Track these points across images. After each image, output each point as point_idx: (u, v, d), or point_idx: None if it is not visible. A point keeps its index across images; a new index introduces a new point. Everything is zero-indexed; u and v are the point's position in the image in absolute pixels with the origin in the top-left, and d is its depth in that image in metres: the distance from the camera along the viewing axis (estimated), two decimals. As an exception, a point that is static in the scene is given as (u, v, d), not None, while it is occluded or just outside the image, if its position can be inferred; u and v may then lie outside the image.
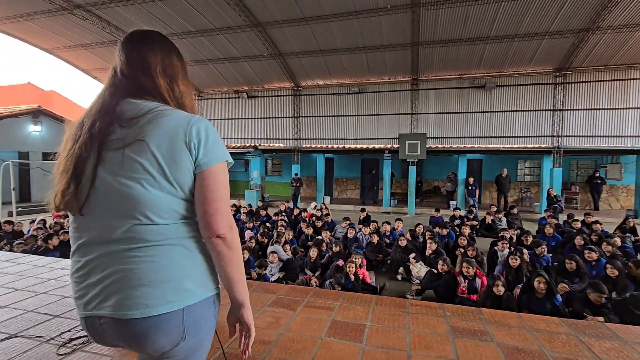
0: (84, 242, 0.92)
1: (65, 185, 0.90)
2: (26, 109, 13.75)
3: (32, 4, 11.76)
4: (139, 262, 0.86)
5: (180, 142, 0.89)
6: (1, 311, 2.77)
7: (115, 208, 0.88)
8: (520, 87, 13.46)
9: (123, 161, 0.88)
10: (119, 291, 0.86)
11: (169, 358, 0.94)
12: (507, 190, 12.70)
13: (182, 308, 0.89)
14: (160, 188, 0.89)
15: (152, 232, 0.88)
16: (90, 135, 0.90)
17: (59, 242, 6.10)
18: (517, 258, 4.82)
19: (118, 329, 0.87)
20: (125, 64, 0.98)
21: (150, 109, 0.93)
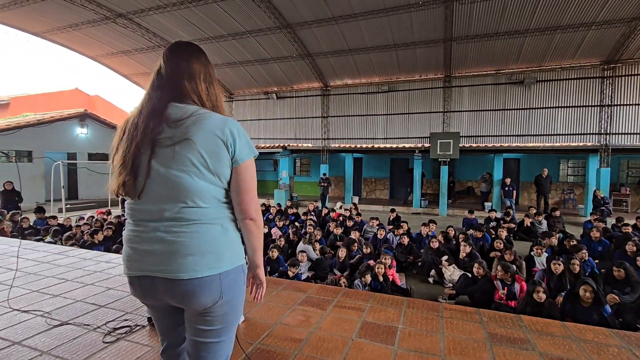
0: (140, 219, 1.11)
1: (125, 176, 1.07)
2: (74, 113, 14.76)
3: (80, 14, 12.61)
4: (187, 236, 1.06)
5: (220, 141, 1.08)
6: (54, 300, 2.99)
7: (167, 194, 1.07)
8: (563, 81, 12.65)
9: (174, 156, 1.05)
10: (172, 258, 1.05)
11: (210, 313, 1.12)
12: (547, 192, 11.98)
13: (220, 273, 1.10)
14: (204, 179, 1.08)
15: (196, 213, 1.07)
16: (144, 135, 1.07)
17: (103, 237, 6.50)
18: (560, 263, 4.53)
19: (170, 287, 1.07)
20: (173, 70, 1.14)
21: (192, 112, 1.10)
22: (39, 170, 13.24)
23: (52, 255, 4.46)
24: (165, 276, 1.06)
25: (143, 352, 2.19)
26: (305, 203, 13.30)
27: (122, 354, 2.17)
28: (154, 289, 1.10)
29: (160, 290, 1.09)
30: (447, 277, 5.42)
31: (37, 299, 3.02)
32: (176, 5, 11.82)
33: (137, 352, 2.18)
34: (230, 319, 1.17)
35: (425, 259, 5.90)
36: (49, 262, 4.17)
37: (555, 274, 4.46)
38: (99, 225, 7.60)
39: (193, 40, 12.08)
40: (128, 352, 2.18)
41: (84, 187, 14.97)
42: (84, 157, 14.90)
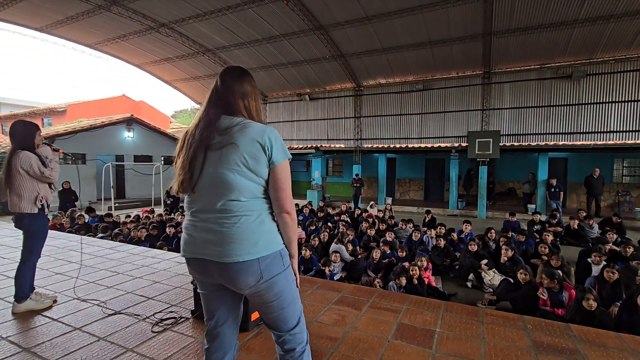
0: (195, 210, 1.33)
1: (184, 176, 1.30)
2: (122, 118, 15.81)
3: (128, 26, 13.51)
4: (231, 226, 1.25)
5: (259, 146, 1.28)
6: (108, 291, 3.24)
7: (215, 189, 1.27)
8: (617, 74, 11.68)
9: (221, 157, 1.26)
10: (219, 244, 1.25)
11: (259, 291, 1.30)
12: (599, 194, 11.08)
13: (258, 258, 1.26)
14: (245, 177, 1.27)
15: (238, 206, 1.27)
16: (200, 142, 1.30)
17: (148, 234, 6.92)
18: (615, 271, 4.20)
19: (219, 269, 1.27)
20: (227, 90, 1.37)
21: (238, 122, 1.32)
22: (91, 171, 14.33)
23: (104, 250, 4.82)
24: (215, 259, 1.26)
25: (187, 342, 2.32)
26: (338, 204, 13.31)
27: (168, 343, 2.31)
28: (206, 269, 1.31)
29: (212, 271, 1.30)
30: (487, 281, 5.20)
31: (93, 289, 3.29)
32: (214, 12, 12.32)
33: (183, 342, 2.31)
34: (279, 292, 1.33)
35: (463, 262, 5.70)
36: (102, 256, 4.52)
37: (608, 281, 4.14)
38: (144, 223, 8.10)
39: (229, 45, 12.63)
40: (174, 342, 2.32)
41: (130, 187, 15.99)
42: (130, 159, 15.91)
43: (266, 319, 1.39)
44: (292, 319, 1.38)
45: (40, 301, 2.83)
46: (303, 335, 1.41)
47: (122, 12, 12.28)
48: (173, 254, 4.68)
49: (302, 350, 1.39)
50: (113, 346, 2.27)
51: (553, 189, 10.85)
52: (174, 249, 6.13)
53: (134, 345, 2.27)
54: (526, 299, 4.14)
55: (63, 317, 2.69)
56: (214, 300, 1.42)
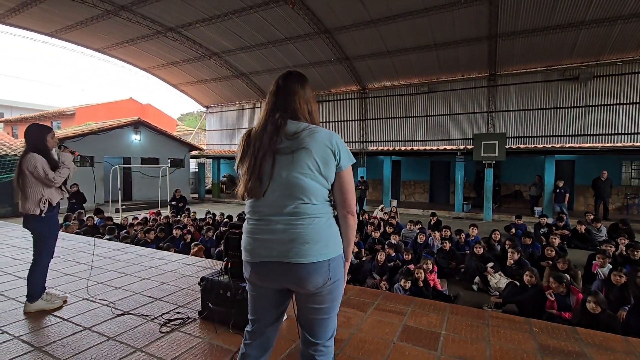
0: (263, 214, 1.33)
1: (253, 181, 1.32)
2: (129, 121, 16.01)
3: (135, 30, 13.71)
4: (303, 228, 1.28)
5: (329, 150, 1.32)
6: (117, 291, 3.30)
7: (288, 192, 1.29)
8: (625, 76, 11.57)
9: (293, 162, 1.29)
10: (292, 246, 1.27)
11: (320, 293, 1.32)
12: (607, 196, 10.94)
13: (328, 259, 1.30)
14: (317, 180, 1.31)
15: (310, 208, 1.30)
16: (269, 147, 1.31)
17: (155, 237, 6.99)
18: (622, 275, 4.16)
19: (289, 270, 1.28)
20: (290, 94, 1.41)
21: (305, 127, 1.35)
22: (99, 174, 14.50)
23: (113, 252, 4.89)
24: (287, 261, 1.28)
25: (195, 342, 2.35)
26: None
27: (176, 343, 2.34)
28: (273, 272, 1.32)
29: (278, 274, 1.31)
30: (493, 284, 5.17)
31: (102, 290, 3.34)
32: (220, 17, 12.46)
33: (190, 343, 2.34)
34: (335, 297, 1.36)
35: (469, 265, 5.68)
36: (111, 257, 4.58)
37: (616, 285, 4.11)
38: (152, 225, 8.18)
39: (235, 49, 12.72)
40: (182, 342, 2.35)
41: (137, 189, 16.14)
42: (137, 161, 16.09)
43: (309, 323, 1.38)
44: (332, 329, 1.40)
45: (50, 301, 2.89)
46: (332, 350, 1.42)
47: (130, 17, 12.47)
48: (180, 256, 4.73)
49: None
50: (122, 346, 2.31)
51: (558, 190, 10.75)
52: (180, 250, 6.19)
53: (143, 345, 2.31)
54: (533, 302, 4.12)
55: (73, 317, 2.74)
56: (265, 303, 1.42)
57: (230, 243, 2.60)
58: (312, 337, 1.38)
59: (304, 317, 1.39)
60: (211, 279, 2.63)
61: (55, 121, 22.53)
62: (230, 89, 18.91)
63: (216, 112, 21.51)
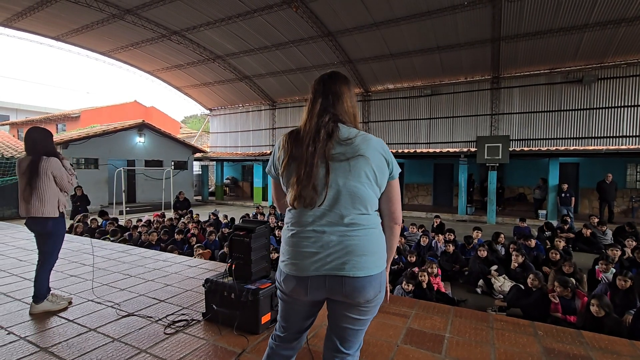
0: (313, 225, 1.23)
1: (308, 189, 1.20)
2: (133, 124, 16.11)
3: (140, 34, 13.84)
4: (360, 239, 1.21)
5: (384, 159, 1.27)
6: (121, 293, 3.31)
7: (346, 202, 1.21)
8: (630, 78, 11.52)
9: (350, 170, 1.21)
10: (349, 259, 1.20)
11: (368, 304, 1.26)
12: (612, 199, 10.86)
13: (381, 271, 1.26)
14: (373, 189, 1.25)
15: (366, 219, 1.24)
16: (322, 152, 1.21)
17: (158, 238, 7.02)
18: (628, 279, 4.12)
19: (344, 284, 1.21)
20: (337, 95, 1.33)
21: (357, 133, 1.27)
22: (103, 176, 14.60)
23: (117, 253, 4.92)
24: (342, 274, 1.20)
25: (199, 344, 2.36)
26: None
27: (180, 345, 2.35)
28: (322, 286, 1.23)
29: (329, 288, 1.23)
30: (497, 288, 5.15)
31: (107, 291, 3.36)
32: (224, 20, 12.55)
33: (195, 344, 2.35)
34: (377, 309, 1.32)
35: (472, 268, 5.65)
36: (115, 259, 4.61)
37: (621, 289, 4.07)
38: (156, 227, 8.22)
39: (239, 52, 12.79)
40: (186, 344, 2.36)
41: (141, 192, 16.23)
42: (141, 164, 16.17)
43: (343, 332, 1.32)
44: (360, 340, 1.37)
45: (56, 302, 2.91)
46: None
47: (135, 21, 12.59)
48: (184, 258, 4.75)
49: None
50: (127, 347, 2.32)
51: (564, 194, 10.68)
52: (184, 253, 6.21)
53: (147, 347, 2.32)
54: (537, 306, 4.09)
55: (79, 318, 2.76)
56: (299, 313, 1.37)
57: (235, 245, 2.61)
58: (343, 347, 1.33)
59: (340, 325, 1.32)
60: (215, 281, 2.64)
61: (60, 124, 22.74)
62: (234, 91, 19.00)
63: (220, 115, 21.62)
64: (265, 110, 19.50)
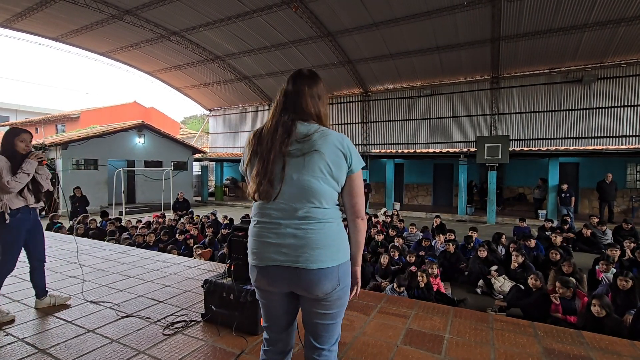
0: (272, 218, 1.29)
1: (264, 184, 1.27)
2: (133, 124, 16.10)
3: (140, 35, 13.83)
4: (315, 232, 1.25)
5: (341, 153, 1.29)
6: (120, 294, 3.30)
7: (299, 196, 1.26)
8: (629, 78, 11.52)
9: (305, 165, 1.26)
10: (302, 250, 1.24)
11: (328, 298, 1.30)
12: (612, 199, 10.83)
13: (338, 265, 1.28)
14: (329, 184, 1.28)
15: (321, 212, 1.27)
16: (279, 149, 1.27)
17: (157, 239, 6.99)
18: (629, 280, 4.11)
19: (299, 276, 1.26)
20: (298, 94, 1.37)
21: (316, 129, 1.31)
22: (103, 177, 14.59)
23: (116, 254, 4.91)
24: (297, 266, 1.25)
25: (198, 345, 2.35)
26: (346, 209, 13.27)
27: (179, 346, 2.34)
28: (281, 277, 1.29)
29: (287, 279, 1.29)
30: (497, 288, 5.13)
31: (106, 292, 3.35)
32: (224, 21, 12.55)
33: (193, 345, 2.34)
34: (343, 303, 1.35)
35: (472, 268, 5.64)
36: (114, 260, 4.60)
37: (622, 290, 4.06)
38: (155, 228, 8.21)
39: (238, 52, 12.77)
40: (185, 345, 2.35)
41: (141, 192, 16.21)
42: (141, 164, 16.16)
43: (314, 327, 1.36)
44: (337, 334, 1.39)
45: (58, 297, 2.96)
46: (336, 355, 1.42)
47: (134, 21, 12.58)
48: (183, 258, 4.74)
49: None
50: (125, 348, 2.31)
51: (564, 194, 10.67)
52: (182, 253, 6.20)
53: (146, 348, 2.31)
54: (537, 306, 4.08)
55: (77, 319, 2.75)
56: (276, 308, 1.41)
57: (234, 246, 2.60)
58: (317, 342, 1.36)
59: (310, 321, 1.37)
60: (214, 282, 2.63)
61: (60, 124, 22.73)
62: (234, 92, 19.00)
63: (219, 115, 21.61)
64: (264, 110, 19.49)
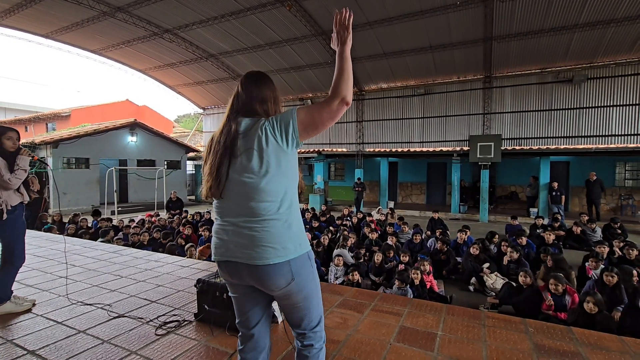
0: (224, 215, 1.36)
1: (212, 183, 1.33)
2: (125, 123, 15.92)
3: (132, 32, 13.66)
4: (257, 231, 1.28)
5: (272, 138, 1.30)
6: (112, 294, 3.27)
7: (242, 194, 1.30)
8: (618, 78, 11.69)
9: (243, 163, 1.30)
10: (249, 248, 1.28)
11: (288, 292, 1.33)
12: (596, 197, 10.85)
13: (288, 260, 1.29)
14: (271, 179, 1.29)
15: (264, 210, 1.28)
16: (225, 148, 1.33)
17: (150, 239, 6.93)
18: (614, 275, 4.18)
19: (250, 271, 1.31)
20: (248, 95, 1.42)
21: (254, 123, 1.34)
22: (95, 176, 14.42)
23: (108, 254, 4.86)
24: (246, 262, 1.29)
25: (191, 345, 2.34)
26: (340, 208, 13.32)
27: (172, 346, 2.33)
28: (237, 271, 1.35)
29: (243, 274, 1.34)
30: (489, 285, 5.19)
31: (97, 292, 3.31)
32: (217, 18, 12.45)
33: (186, 345, 2.33)
34: (307, 292, 1.37)
35: (465, 266, 5.70)
36: (106, 259, 4.55)
37: (608, 285, 4.13)
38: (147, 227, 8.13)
39: (232, 50, 12.69)
40: (177, 345, 2.34)
41: (133, 191, 16.06)
42: (134, 163, 16.00)
43: (291, 319, 1.43)
44: (316, 318, 1.43)
45: (19, 304, 2.87)
46: (322, 334, 1.46)
47: (126, 19, 12.43)
48: (176, 258, 4.71)
49: (320, 347, 1.44)
50: (117, 349, 2.29)
51: (554, 193, 10.81)
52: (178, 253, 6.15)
53: (138, 348, 2.29)
54: (529, 303, 4.13)
55: (67, 320, 2.72)
56: (245, 302, 1.45)
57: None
58: (297, 328, 1.43)
59: (286, 313, 1.44)
60: (207, 281, 2.62)
61: (50, 123, 22.39)
62: (228, 90, 18.87)
63: (213, 114, 21.47)
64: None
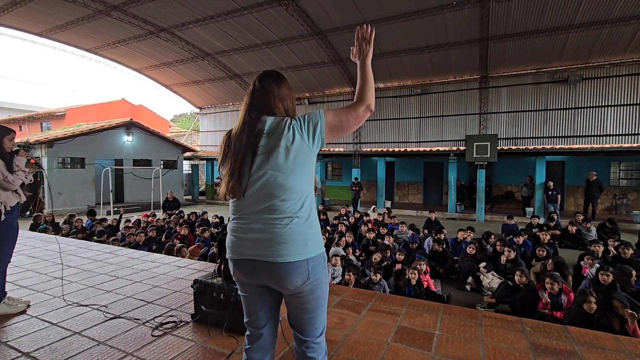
0: (243, 213, 1.36)
1: (234, 182, 1.33)
2: (121, 122, 15.81)
3: (128, 31, 13.58)
4: (281, 228, 1.28)
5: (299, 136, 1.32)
6: (108, 295, 3.25)
7: (265, 192, 1.30)
8: (613, 78, 11.79)
9: (269, 160, 1.30)
10: (270, 245, 1.28)
11: (302, 292, 1.33)
12: (593, 197, 10.93)
13: (307, 259, 1.30)
14: (295, 177, 1.31)
15: (288, 208, 1.29)
16: (247, 146, 1.33)
17: (146, 238, 6.89)
18: (609, 274, 4.22)
19: (268, 269, 1.30)
20: (266, 93, 1.43)
21: (280, 121, 1.35)
22: (90, 176, 14.31)
23: (104, 254, 4.82)
24: (266, 260, 1.29)
25: (188, 346, 2.32)
26: (337, 207, 13.32)
27: (168, 347, 2.31)
28: (255, 270, 1.34)
29: (260, 272, 1.33)
30: (486, 284, 5.21)
31: (93, 293, 3.29)
32: (213, 17, 12.41)
33: (183, 346, 2.32)
34: (319, 296, 1.37)
35: (461, 265, 5.72)
36: (102, 260, 4.51)
37: (603, 284, 4.16)
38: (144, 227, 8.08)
39: (229, 50, 12.66)
40: (174, 346, 2.32)
41: (129, 191, 15.95)
42: (129, 163, 15.90)
43: (297, 322, 1.41)
44: (321, 325, 1.42)
45: (13, 305, 2.84)
46: (324, 345, 1.44)
47: (122, 17, 12.35)
48: (172, 258, 4.68)
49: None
50: (113, 350, 2.27)
51: (550, 192, 10.88)
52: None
53: (134, 350, 2.28)
54: (525, 302, 4.16)
55: (63, 321, 2.69)
56: (255, 302, 1.44)
57: (224, 245, 2.57)
58: (301, 335, 1.40)
59: (292, 316, 1.42)
60: (204, 282, 2.60)
61: (45, 122, 22.20)
62: (224, 90, 18.82)
63: (210, 114, 21.40)
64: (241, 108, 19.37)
